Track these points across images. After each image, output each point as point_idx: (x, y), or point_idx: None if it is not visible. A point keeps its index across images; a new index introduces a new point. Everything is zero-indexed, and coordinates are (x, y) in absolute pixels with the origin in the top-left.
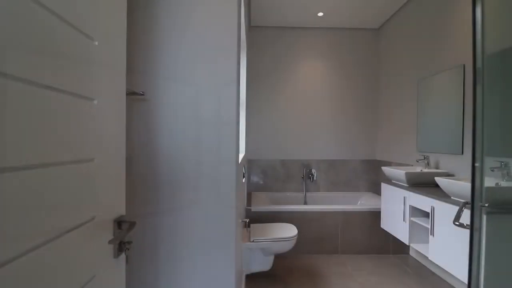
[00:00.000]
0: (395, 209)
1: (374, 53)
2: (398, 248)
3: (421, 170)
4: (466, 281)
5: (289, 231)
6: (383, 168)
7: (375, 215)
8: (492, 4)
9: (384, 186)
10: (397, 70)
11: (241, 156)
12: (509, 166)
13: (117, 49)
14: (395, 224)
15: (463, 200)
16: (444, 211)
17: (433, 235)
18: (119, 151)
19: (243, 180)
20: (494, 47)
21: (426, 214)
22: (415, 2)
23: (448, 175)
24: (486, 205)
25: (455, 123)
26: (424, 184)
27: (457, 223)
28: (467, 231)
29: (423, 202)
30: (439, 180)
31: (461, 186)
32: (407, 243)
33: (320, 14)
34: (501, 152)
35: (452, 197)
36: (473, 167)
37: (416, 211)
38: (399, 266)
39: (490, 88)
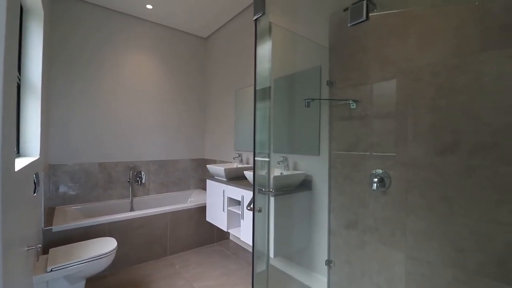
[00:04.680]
0: (217, 202)
1: (202, 60)
2: (221, 236)
3: (236, 166)
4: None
5: (105, 246)
6: (208, 166)
7: (202, 210)
8: (277, 42)
9: (209, 182)
10: (220, 79)
11: (27, 160)
12: (288, 160)
13: None
14: (217, 215)
15: (259, 188)
16: (249, 198)
17: (243, 219)
18: None
19: (34, 194)
20: (280, 73)
21: (238, 202)
22: (235, 22)
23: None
24: (271, 190)
25: None
26: (238, 177)
27: (249, 208)
28: (264, 213)
29: (236, 192)
30: (245, 173)
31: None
32: (226, 230)
33: (149, 6)
34: (286, 149)
35: None
36: (254, 162)
37: (232, 201)
38: (221, 252)
39: (277, 102)
